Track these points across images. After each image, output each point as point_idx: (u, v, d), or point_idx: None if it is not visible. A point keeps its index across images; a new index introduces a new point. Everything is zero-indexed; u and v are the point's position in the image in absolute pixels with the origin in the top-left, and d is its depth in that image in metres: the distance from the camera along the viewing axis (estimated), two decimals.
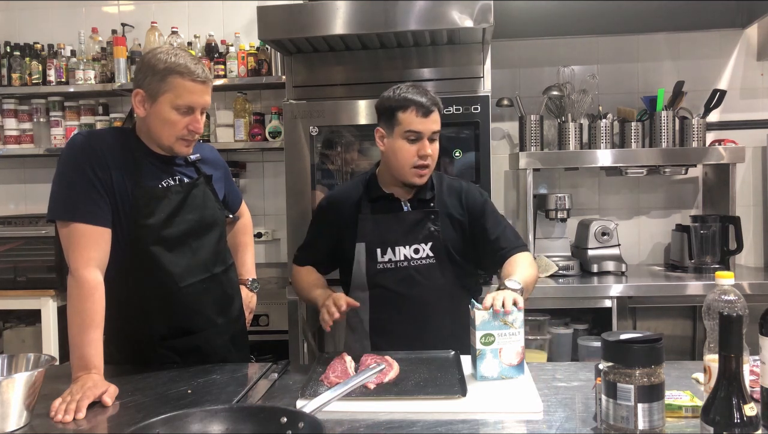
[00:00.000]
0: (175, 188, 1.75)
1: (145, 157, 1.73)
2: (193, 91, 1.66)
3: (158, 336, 1.79)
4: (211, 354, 1.84)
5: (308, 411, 1.16)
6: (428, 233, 1.88)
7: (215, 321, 1.85)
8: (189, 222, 1.76)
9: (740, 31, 3.35)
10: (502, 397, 1.43)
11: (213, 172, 1.89)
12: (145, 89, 1.67)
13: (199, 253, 1.79)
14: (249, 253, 2.17)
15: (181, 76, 1.64)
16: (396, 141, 1.83)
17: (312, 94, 2.97)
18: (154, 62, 1.66)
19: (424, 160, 1.82)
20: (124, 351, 1.82)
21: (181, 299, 1.76)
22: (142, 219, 1.69)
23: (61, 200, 1.65)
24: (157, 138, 1.71)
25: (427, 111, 1.81)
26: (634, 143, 3.12)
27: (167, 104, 1.66)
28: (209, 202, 1.83)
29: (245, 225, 2.17)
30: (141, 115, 1.71)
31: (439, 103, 1.86)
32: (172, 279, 1.73)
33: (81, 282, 1.59)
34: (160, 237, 1.71)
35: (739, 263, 3.20)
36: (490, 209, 1.94)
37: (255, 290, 2.16)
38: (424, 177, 1.86)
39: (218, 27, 3.57)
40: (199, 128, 1.71)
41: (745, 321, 1.17)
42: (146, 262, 1.71)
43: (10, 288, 3.29)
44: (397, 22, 2.67)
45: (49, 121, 3.58)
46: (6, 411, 1.33)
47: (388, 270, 1.88)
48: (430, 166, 1.85)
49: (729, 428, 1.02)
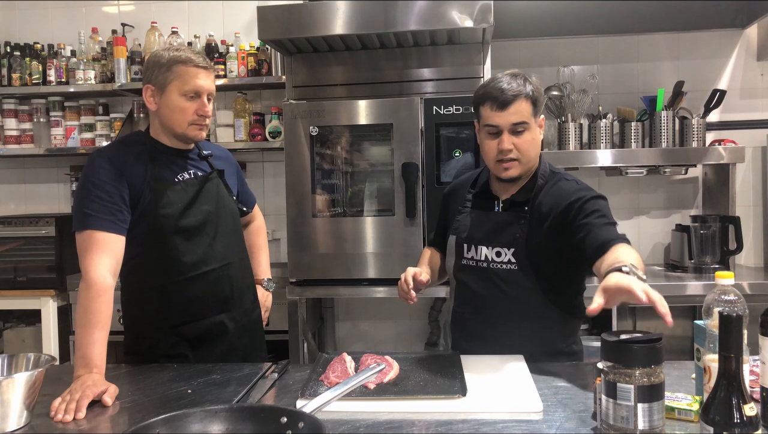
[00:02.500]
0: (191, 181, 1.87)
1: (160, 155, 1.85)
2: (197, 75, 1.79)
3: (170, 324, 1.85)
4: (222, 339, 1.89)
5: (308, 411, 1.16)
6: (512, 238, 1.76)
7: (228, 308, 1.91)
8: (205, 213, 1.87)
9: (740, 31, 3.35)
10: (502, 397, 1.43)
11: (225, 168, 2.00)
12: (153, 83, 1.80)
13: (215, 242, 1.88)
14: (264, 254, 2.28)
15: (184, 64, 1.78)
16: (481, 135, 1.77)
17: (312, 94, 2.97)
18: (158, 58, 1.80)
19: (504, 155, 1.72)
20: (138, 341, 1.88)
21: (197, 285, 1.85)
22: (161, 210, 1.79)
23: (78, 212, 1.74)
24: (171, 127, 1.83)
25: (503, 103, 1.69)
26: (634, 143, 3.12)
27: (175, 92, 1.79)
28: (223, 193, 1.94)
29: (259, 227, 2.28)
30: (153, 109, 1.83)
31: (527, 92, 1.70)
32: (189, 266, 1.83)
33: (90, 283, 1.64)
34: (178, 226, 1.81)
35: (739, 263, 3.20)
36: (592, 206, 1.69)
37: (270, 289, 2.24)
38: (510, 170, 1.74)
39: (218, 27, 3.57)
40: (207, 112, 1.83)
41: (745, 321, 1.17)
42: (165, 250, 1.81)
43: (10, 288, 3.29)
44: (396, 22, 2.67)
45: (49, 121, 3.58)
46: (6, 411, 1.33)
47: (470, 267, 1.83)
48: (517, 160, 1.72)
49: (729, 428, 1.02)
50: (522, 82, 1.71)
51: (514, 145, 1.71)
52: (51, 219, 3.32)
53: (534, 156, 1.77)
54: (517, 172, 1.75)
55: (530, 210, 1.76)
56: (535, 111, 1.73)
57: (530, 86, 1.72)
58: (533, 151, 1.75)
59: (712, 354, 1.21)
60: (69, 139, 3.55)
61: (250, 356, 1.95)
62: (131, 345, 1.89)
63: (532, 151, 1.74)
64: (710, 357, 1.23)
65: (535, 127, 1.75)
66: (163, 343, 1.85)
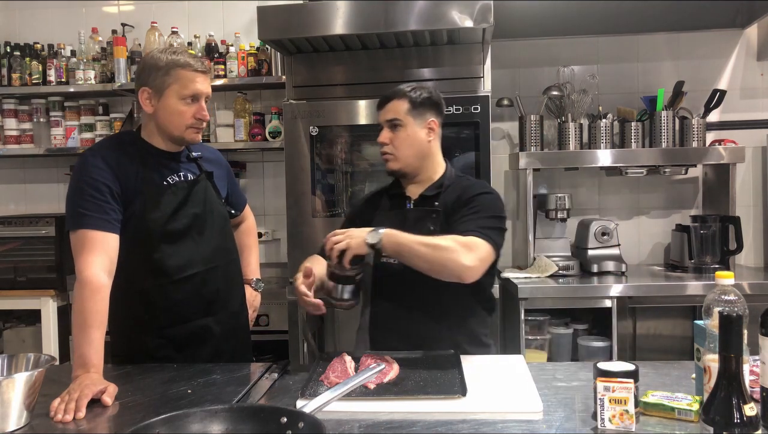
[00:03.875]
0: (180, 184, 1.86)
1: (150, 156, 1.84)
2: (196, 79, 1.78)
3: (155, 326, 1.84)
4: (207, 342, 1.88)
5: (308, 411, 1.16)
6: (428, 232, 1.83)
7: (214, 311, 1.90)
8: (192, 216, 1.86)
9: (740, 31, 3.35)
10: (502, 397, 1.43)
11: (215, 170, 1.98)
12: (151, 86, 1.78)
13: (200, 245, 1.87)
14: (254, 254, 2.25)
15: (183, 68, 1.77)
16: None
17: (312, 94, 2.97)
18: (155, 60, 1.78)
19: (381, 147, 1.89)
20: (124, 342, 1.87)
21: (182, 289, 1.83)
22: (149, 214, 1.79)
23: (71, 211, 1.73)
24: (168, 130, 1.82)
25: (381, 102, 1.91)
26: (634, 143, 3.12)
27: (174, 96, 1.77)
28: (210, 196, 1.92)
29: (249, 227, 2.26)
30: (149, 112, 1.81)
31: (405, 93, 1.86)
32: (174, 269, 1.82)
33: (85, 283, 1.63)
34: (165, 230, 1.81)
35: (739, 263, 3.20)
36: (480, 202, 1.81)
37: (259, 290, 2.22)
38: (389, 162, 1.89)
39: (218, 27, 3.57)
40: (205, 115, 1.82)
41: (745, 321, 1.17)
42: (151, 254, 1.80)
43: (10, 288, 3.29)
44: (396, 22, 2.67)
45: (49, 121, 3.58)
46: (6, 411, 1.33)
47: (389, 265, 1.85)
48: (393, 155, 1.88)
49: (729, 428, 1.02)
50: (406, 86, 1.88)
51: (389, 140, 1.87)
52: (51, 219, 3.32)
53: (412, 153, 1.87)
54: (395, 166, 1.89)
55: (441, 204, 1.87)
56: (414, 112, 1.86)
57: (418, 92, 1.87)
58: (408, 149, 1.87)
59: (712, 354, 1.21)
60: (69, 139, 3.54)
61: (237, 359, 1.94)
62: (116, 346, 1.89)
63: (406, 148, 1.87)
64: (710, 357, 1.23)
65: (415, 126, 1.86)
66: (148, 345, 1.84)
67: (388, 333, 1.86)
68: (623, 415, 1.21)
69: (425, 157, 1.90)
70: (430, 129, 1.89)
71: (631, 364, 1.32)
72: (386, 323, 1.87)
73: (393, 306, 1.86)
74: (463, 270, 1.65)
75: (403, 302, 1.84)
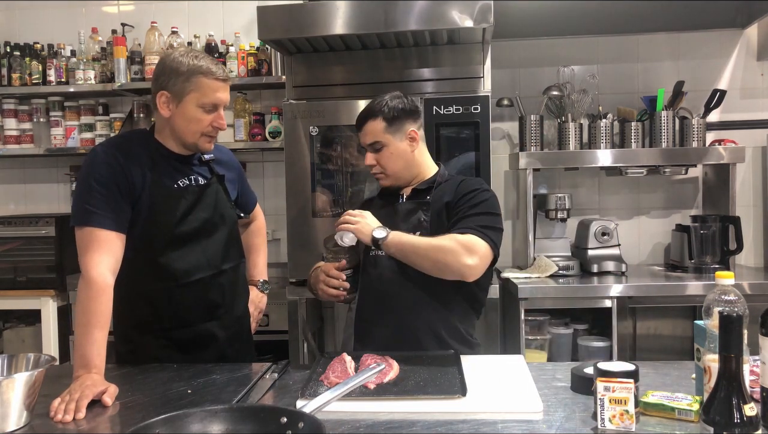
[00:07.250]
0: (191, 188, 1.84)
1: (162, 159, 1.81)
2: (217, 89, 1.75)
3: (159, 328, 1.84)
4: (211, 346, 1.88)
5: (308, 411, 1.16)
6: (417, 222, 1.88)
7: (218, 315, 1.89)
8: (200, 221, 1.84)
9: (740, 31, 3.35)
10: (502, 397, 1.43)
11: (226, 172, 1.97)
12: (170, 90, 1.75)
13: (208, 250, 1.85)
14: (261, 255, 2.24)
15: (205, 76, 1.73)
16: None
17: (312, 94, 2.97)
18: (177, 65, 1.74)
19: (371, 169, 1.94)
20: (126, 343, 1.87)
21: (187, 293, 1.82)
22: (158, 217, 1.77)
23: (78, 207, 1.70)
24: (183, 136, 1.79)
25: (357, 126, 1.94)
26: (634, 143, 3.12)
27: (193, 103, 1.74)
28: (221, 201, 1.90)
29: (259, 227, 2.24)
30: (166, 116, 1.77)
31: (376, 111, 1.89)
32: (181, 273, 1.80)
33: (90, 283, 1.62)
34: (173, 234, 1.79)
35: (739, 263, 3.19)
36: (476, 198, 1.84)
37: (265, 291, 2.21)
38: (381, 180, 1.96)
39: (218, 27, 3.57)
40: (222, 124, 1.80)
41: (745, 321, 1.17)
42: (158, 257, 1.78)
43: (10, 288, 3.29)
44: (396, 22, 2.67)
45: (49, 121, 3.58)
46: (6, 411, 1.33)
47: (378, 257, 1.87)
48: (382, 173, 1.93)
49: (729, 428, 1.02)
50: (377, 103, 1.90)
51: (375, 161, 1.91)
52: (51, 219, 3.32)
53: (400, 167, 1.92)
54: (388, 182, 1.95)
55: (432, 198, 1.90)
56: (391, 129, 1.88)
57: (392, 103, 1.89)
58: (395, 165, 1.91)
59: (712, 354, 1.21)
60: (69, 139, 3.55)
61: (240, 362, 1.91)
62: (119, 346, 1.88)
63: (393, 164, 1.91)
64: (710, 357, 1.23)
65: (396, 143, 1.89)
66: (152, 345, 1.84)
67: (374, 326, 1.86)
68: (623, 415, 1.21)
69: (414, 165, 1.94)
70: (411, 139, 1.91)
71: (631, 364, 1.32)
72: (372, 316, 1.87)
73: (378, 297, 1.86)
74: (465, 270, 1.72)
75: (388, 294, 1.85)
